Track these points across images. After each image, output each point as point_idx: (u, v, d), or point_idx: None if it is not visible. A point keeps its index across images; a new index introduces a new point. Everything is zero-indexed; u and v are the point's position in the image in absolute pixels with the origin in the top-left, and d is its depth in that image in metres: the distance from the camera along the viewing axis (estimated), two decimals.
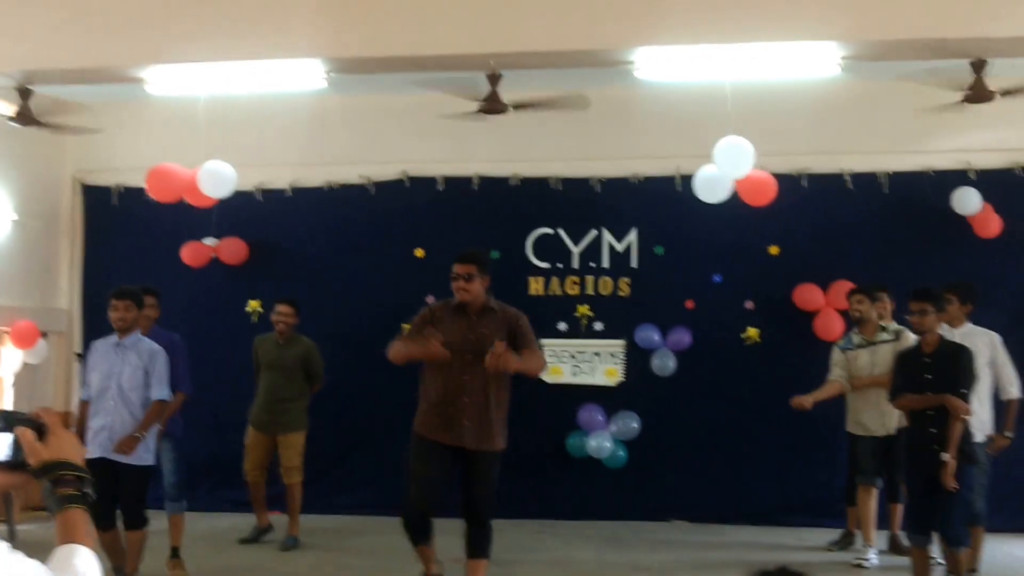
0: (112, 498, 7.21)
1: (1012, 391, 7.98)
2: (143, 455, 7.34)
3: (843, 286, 9.82)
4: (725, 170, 8.32)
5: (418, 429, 6.69)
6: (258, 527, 9.35)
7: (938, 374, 6.87)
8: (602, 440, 10.21)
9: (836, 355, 8.78)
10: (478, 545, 6.68)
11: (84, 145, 10.94)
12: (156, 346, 7.53)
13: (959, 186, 10.02)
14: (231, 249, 10.90)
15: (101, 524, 7.36)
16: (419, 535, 6.71)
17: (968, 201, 9.94)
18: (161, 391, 7.36)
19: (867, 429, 8.50)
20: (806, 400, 8.37)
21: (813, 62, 7.71)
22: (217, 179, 9.11)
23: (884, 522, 8.80)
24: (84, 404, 7.54)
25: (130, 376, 7.30)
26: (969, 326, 8.00)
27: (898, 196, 10.31)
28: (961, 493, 6.79)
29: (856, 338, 8.64)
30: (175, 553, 8.15)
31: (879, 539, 8.62)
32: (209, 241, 10.88)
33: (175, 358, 8.14)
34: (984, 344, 7.80)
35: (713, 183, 8.54)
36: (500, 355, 6.28)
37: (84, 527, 2.35)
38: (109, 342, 7.48)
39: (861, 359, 8.52)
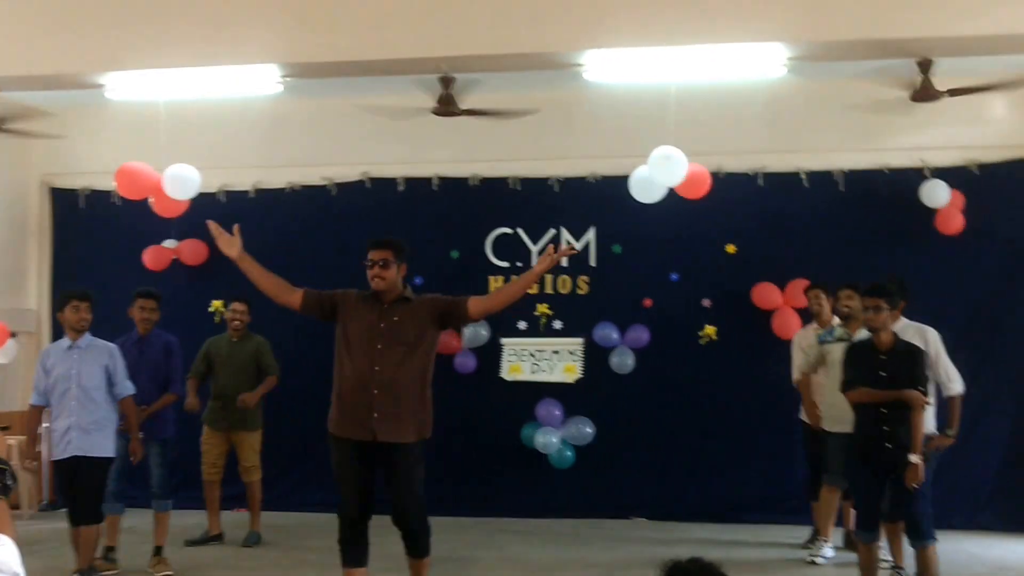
0: None
1: (954, 387, 7.74)
2: (105, 446, 7.47)
3: (801, 284, 9.91)
4: (659, 178, 8.41)
5: (330, 428, 6.34)
6: (207, 532, 9.31)
7: (894, 373, 6.75)
8: (549, 437, 10.28)
9: (811, 348, 8.70)
10: (415, 546, 6.45)
11: (51, 149, 11.02)
12: (112, 345, 7.69)
13: (915, 183, 10.06)
14: (191, 250, 10.99)
15: (73, 521, 7.51)
16: (354, 550, 6.31)
17: (936, 194, 9.99)
18: (127, 386, 7.58)
19: (843, 426, 7.94)
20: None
21: (760, 63, 7.81)
22: (182, 183, 9.16)
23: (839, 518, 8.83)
24: (34, 409, 7.65)
25: (90, 375, 7.46)
26: (904, 322, 7.77)
27: (854, 194, 10.38)
28: (920, 488, 6.72)
29: (839, 331, 8.48)
30: (158, 551, 8.23)
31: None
32: (169, 243, 11.00)
33: (173, 359, 8.41)
34: (919, 340, 7.48)
35: (647, 184, 8.62)
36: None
37: (5, 518, 2.46)
38: (62, 346, 7.63)
39: (836, 353, 8.20)
